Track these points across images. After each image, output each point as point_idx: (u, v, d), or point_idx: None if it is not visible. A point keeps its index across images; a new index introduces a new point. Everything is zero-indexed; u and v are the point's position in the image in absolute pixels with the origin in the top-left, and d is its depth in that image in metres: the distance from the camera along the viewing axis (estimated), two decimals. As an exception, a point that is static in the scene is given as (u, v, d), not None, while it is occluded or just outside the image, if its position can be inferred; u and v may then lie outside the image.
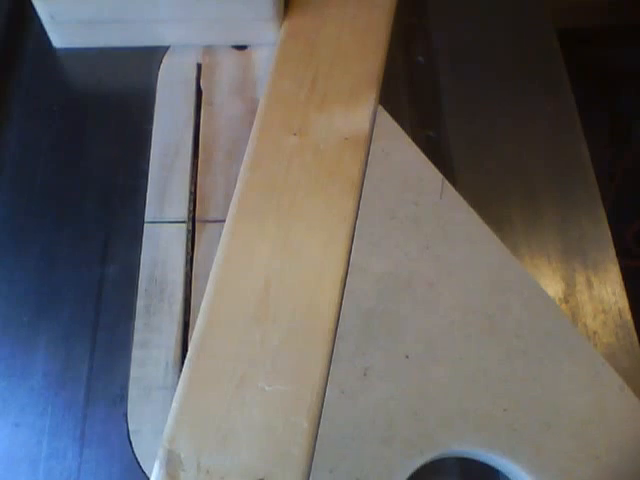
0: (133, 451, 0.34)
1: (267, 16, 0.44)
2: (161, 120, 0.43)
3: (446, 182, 0.40)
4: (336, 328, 0.35)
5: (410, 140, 0.41)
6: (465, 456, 0.34)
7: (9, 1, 0.48)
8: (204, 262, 0.38)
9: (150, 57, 0.46)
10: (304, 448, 0.32)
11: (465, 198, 0.39)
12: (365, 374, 0.34)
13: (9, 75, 0.45)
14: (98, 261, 0.39)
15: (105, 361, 0.36)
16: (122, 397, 0.35)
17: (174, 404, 0.33)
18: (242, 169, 0.40)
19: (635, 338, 0.37)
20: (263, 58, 0.45)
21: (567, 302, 0.39)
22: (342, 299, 0.36)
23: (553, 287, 0.39)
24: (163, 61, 0.45)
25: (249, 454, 0.32)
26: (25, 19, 0.47)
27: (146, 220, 0.40)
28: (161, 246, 0.39)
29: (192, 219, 0.40)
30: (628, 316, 0.38)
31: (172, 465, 0.31)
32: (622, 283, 0.39)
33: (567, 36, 0.50)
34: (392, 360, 0.35)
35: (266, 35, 0.45)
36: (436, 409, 0.34)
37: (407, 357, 0.35)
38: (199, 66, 0.45)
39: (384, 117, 0.42)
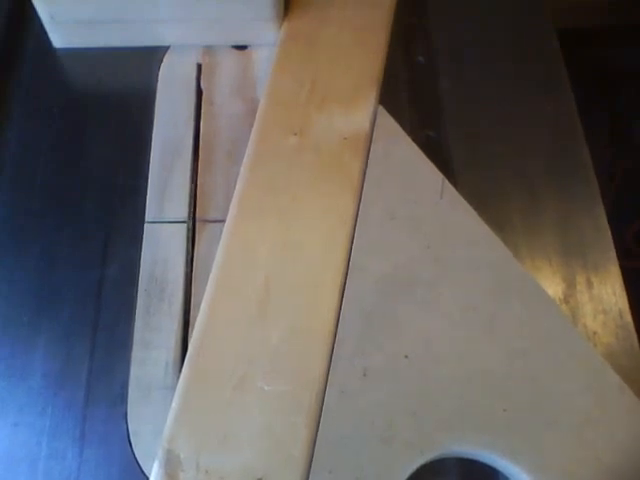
0: (133, 451, 0.34)
1: (267, 16, 0.44)
2: (161, 120, 0.43)
3: (446, 182, 0.40)
4: (336, 328, 0.35)
5: (410, 140, 0.41)
6: (465, 456, 0.34)
7: (9, 1, 0.48)
8: (204, 262, 0.38)
9: (150, 57, 0.45)
10: (303, 448, 0.32)
11: (465, 198, 0.39)
12: (365, 374, 0.34)
13: (9, 75, 0.45)
14: (98, 261, 0.39)
15: (105, 361, 0.36)
16: (122, 397, 0.35)
17: (174, 404, 0.33)
18: (242, 169, 0.40)
19: (635, 339, 0.37)
20: (263, 58, 0.45)
21: (567, 302, 0.38)
22: (342, 299, 0.36)
23: (553, 287, 0.39)
24: (163, 61, 0.45)
25: (248, 454, 0.32)
26: (25, 19, 0.47)
27: (146, 220, 0.40)
28: (161, 246, 0.39)
29: (192, 219, 0.40)
30: (628, 317, 0.38)
31: (171, 465, 0.31)
32: (622, 283, 0.39)
33: (567, 36, 0.50)
34: (392, 360, 0.35)
35: (266, 35, 0.45)
36: (436, 409, 0.34)
37: (407, 357, 0.35)
38: (199, 66, 0.45)
39: (384, 117, 0.42)
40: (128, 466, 0.33)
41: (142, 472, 0.33)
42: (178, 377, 0.34)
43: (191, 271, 0.38)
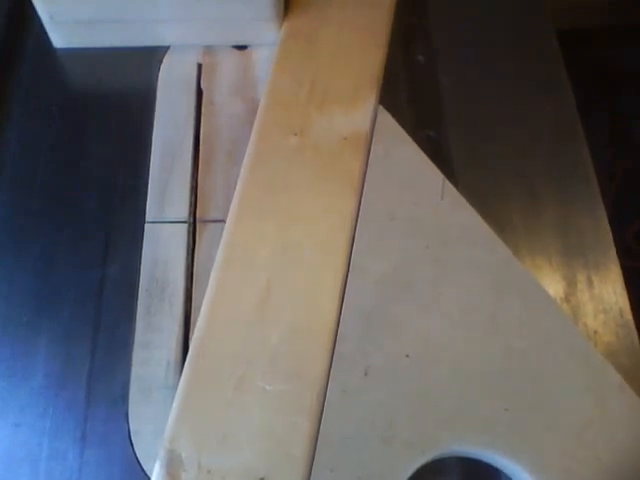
0: (134, 451, 0.34)
1: (267, 16, 0.44)
2: (161, 120, 0.43)
3: (447, 182, 0.40)
4: (337, 328, 0.35)
5: (411, 140, 0.41)
6: (466, 455, 0.34)
7: (9, 1, 0.48)
8: (205, 262, 0.38)
9: (150, 57, 0.45)
10: (305, 448, 0.32)
11: (466, 198, 0.39)
12: (366, 374, 0.34)
13: (9, 75, 0.45)
14: (99, 261, 0.39)
15: (106, 361, 0.36)
16: (123, 397, 0.35)
17: (175, 404, 0.33)
18: (242, 169, 0.40)
19: (636, 337, 0.37)
20: (263, 58, 0.45)
21: (568, 302, 0.39)
22: (342, 299, 0.36)
23: (554, 287, 0.39)
24: (163, 61, 0.45)
25: (250, 454, 0.32)
26: (25, 19, 0.47)
27: (147, 220, 0.40)
28: (162, 246, 0.39)
29: (193, 219, 0.40)
30: (629, 315, 0.38)
31: (173, 465, 0.31)
32: (623, 282, 0.39)
33: (567, 36, 0.50)
34: (393, 360, 0.35)
35: (266, 35, 0.45)
36: (437, 409, 0.34)
37: (407, 357, 0.35)
38: (199, 66, 0.45)
39: (384, 117, 0.42)
40: (129, 466, 0.33)
41: (143, 472, 0.33)
42: (179, 377, 0.34)
43: (192, 271, 0.38)
